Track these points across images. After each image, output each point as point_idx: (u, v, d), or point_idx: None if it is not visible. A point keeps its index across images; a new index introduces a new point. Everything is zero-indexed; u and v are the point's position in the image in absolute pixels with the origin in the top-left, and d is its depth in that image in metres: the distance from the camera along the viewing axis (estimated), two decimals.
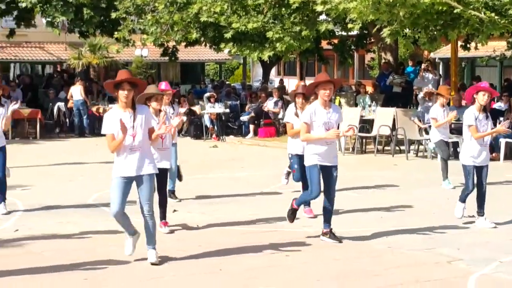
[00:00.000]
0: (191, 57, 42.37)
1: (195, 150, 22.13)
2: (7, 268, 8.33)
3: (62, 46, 39.38)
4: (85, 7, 27.05)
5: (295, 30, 21.78)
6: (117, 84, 8.45)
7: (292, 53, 24.55)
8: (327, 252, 9.37)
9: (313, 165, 9.69)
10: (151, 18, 24.44)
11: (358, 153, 20.76)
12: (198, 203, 12.80)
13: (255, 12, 22.23)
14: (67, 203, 12.57)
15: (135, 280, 8.02)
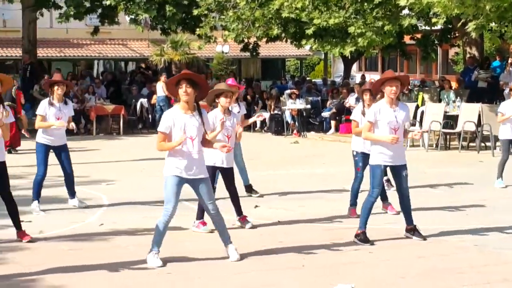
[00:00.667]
0: (271, 53, 42.40)
1: (276, 146, 22.18)
2: (92, 262, 8.48)
3: (144, 43, 39.85)
4: (167, 4, 27.31)
5: (378, 25, 21.60)
6: (177, 82, 8.31)
7: (374, 48, 24.35)
8: (411, 249, 9.26)
9: (377, 165, 9.54)
10: (232, 14, 24.54)
11: (442, 150, 20.47)
12: (279, 199, 12.81)
13: (337, 8, 22.13)
14: (150, 198, 12.70)
15: (218, 275, 8.05)
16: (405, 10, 21.98)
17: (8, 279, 7.78)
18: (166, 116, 8.38)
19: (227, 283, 7.76)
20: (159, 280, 7.86)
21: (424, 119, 21.33)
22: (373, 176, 9.56)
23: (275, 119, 26.08)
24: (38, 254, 8.92)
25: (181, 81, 8.22)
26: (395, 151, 9.52)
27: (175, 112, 8.37)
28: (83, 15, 29.89)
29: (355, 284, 7.62)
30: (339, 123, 25.30)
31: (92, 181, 14.54)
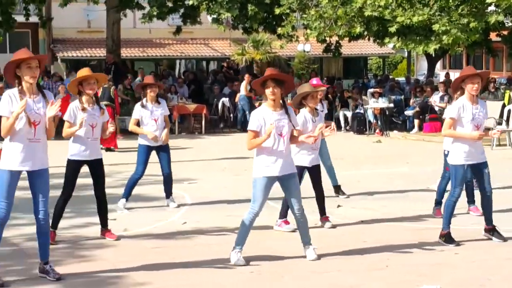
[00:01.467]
0: (353, 51, 42.19)
1: (359, 145, 22.08)
2: (176, 260, 8.58)
3: (226, 42, 40.15)
4: (249, 3, 27.42)
5: (463, 22, 21.31)
6: (263, 82, 8.40)
7: (459, 46, 23.97)
8: (498, 251, 9.10)
9: (460, 165, 9.37)
10: (314, 13, 24.49)
11: None
12: (362, 199, 12.75)
13: (421, 5, 21.91)
14: (232, 197, 12.80)
15: (300, 275, 8.06)
16: (492, 6, 21.61)
17: (95, 276, 7.93)
18: (256, 115, 8.49)
19: (310, 283, 7.75)
20: (241, 279, 7.90)
21: (511, 118, 20.93)
22: (455, 176, 9.42)
23: (358, 118, 25.97)
24: (123, 251, 9.07)
25: (268, 82, 8.33)
26: (476, 149, 9.39)
27: (264, 111, 8.46)
28: (165, 15, 30.22)
29: (441, 286, 7.54)
30: (423, 122, 25.05)
31: (175, 180, 14.59)
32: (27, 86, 7.60)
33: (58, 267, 8.15)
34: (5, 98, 7.63)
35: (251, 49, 37.46)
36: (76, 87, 9.51)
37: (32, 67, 7.54)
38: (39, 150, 7.69)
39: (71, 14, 35.67)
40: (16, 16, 28.51)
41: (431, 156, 18.38)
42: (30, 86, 7.61)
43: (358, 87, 30.30)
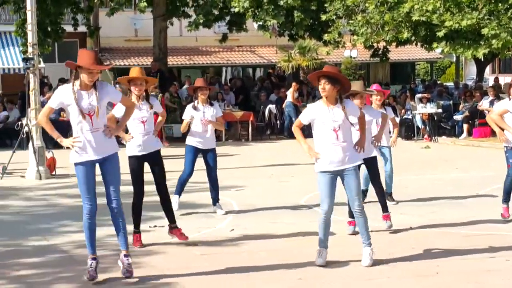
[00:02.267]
0: (401, 56, 41.94)
1: (407, 150, 21.95)
2: (224, 267, 8.61)
3: (272, 49, 40.17)
4: (295, 10, 27.43)
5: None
6: (317, 78, 8.52)
7: (509, 50, 23.75)
8: None
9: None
10: (361, 19, 24.44)
11: None
12: (410, 205, 12.68)
13: (469, 9, 21.75)
14: (279, 204, 12.83)
15: (348, 281, 8.05)
16: None
17: (144, 282, 8.01)
18: (309, 108, 8.67)
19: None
20: (289, 285, 7.91)
21: None
22: None
23: (406, 124, 25.85)
24: (172, 258, 9.13)
25: (320, 78, 8.44)
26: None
27: (318, 105, 8.59)
28: (212, 23, 30.37)
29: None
30: (472, 127, 24.87)
31: (222, 187, 14.67)
32: (83, 84, 7.82)
33: (108, 274, 8.27)
34: (59, 91, 7.99)
35: (297, 56, 37.44)
36: (125, 83, 9.78)
37: (93, 73, 7.78)
38: (100, 139, 7.87)
39: (118, 23, 36.03)
40: (65, 26, 28.86)
41: (481, 161, 18.29)
42: (86, 85, 7.82)
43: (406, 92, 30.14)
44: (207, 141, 11.98)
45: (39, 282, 8.06)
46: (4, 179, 16.69)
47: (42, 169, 16.80)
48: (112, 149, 8.03)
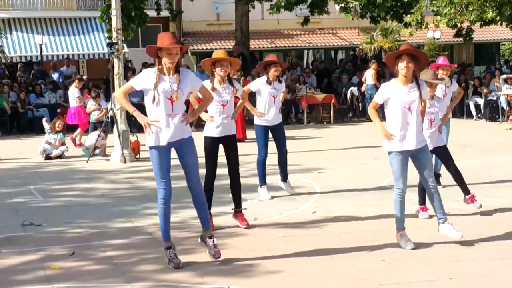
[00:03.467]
0: (485, 37, 41.20)
1: (491, 133, 21.63)
2: (306, 249, 8.62)
3: (354, 32, 39.95)
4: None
5: None
6: (397, 56, 8.45)
7: None
8: None
9: None
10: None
11: None
12: (494, 187, 12.46)
13: None
14: (361, 186, 12.79)
15: (433, 263, 7.96)
16: None
17: (229, 264, 8.07)
18: (384, 87, 8.63)
19: (441, 271, 7.67)
20: (372, 267, 7.86)
21: None
22: None
23: (490, 105, 25.42)
24: (255, 240, 9.19)
25: (403, 56, 8.38)
26: None
27: (393, 85, 8.53)
28: (293, 5, 30.31)
29: None
30: None
31: (304, 169, 14.78)
32: (166, 67, 7.87)
33: (192, 255, 8.36)
34: (143, 73, 8.08)
35: (380, 38, 37.11)
36: (210, 66, 9.77)
37: (172, 53, 7.81)
38: (177, 123, 7.90)
39: (200, 7, 36.25)
40: (148, 11, 29.16)
41: None
42: (168, 69, 7.86)
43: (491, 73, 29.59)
44: (275, 117, 11.89)
45: (125, 263, 8.19)
46: (90, 162, 17.02)
47: (126, 152, 17.05)
48: (188, 132, 8.06)
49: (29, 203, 12.23)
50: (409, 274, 7.59)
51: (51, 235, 9.74)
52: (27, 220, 10.52)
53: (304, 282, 7.38)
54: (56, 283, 7.47)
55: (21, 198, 12.69)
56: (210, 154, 9.77)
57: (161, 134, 7.88)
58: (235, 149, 9.95)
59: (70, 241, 9.32)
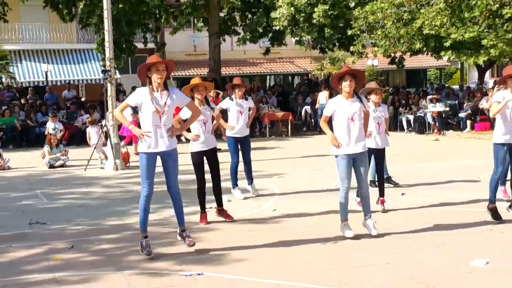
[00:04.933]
0: (414, 64, 41.64)
1: (420, 143, 21.77)
2: (268, 241, 8.61)
3: (307, 60, 40.15)
4: (326, 27, 27.32)
5: (508, 37, 20.84)
6: (340, 77, 8.50)
7: (505, 57, 23.40)
8: None
9: (500, 144, 9.25)
10: (381, 33, 24.28)
11: None
12: (423, 188, 12.52)
13: (471, 23, 21.47)
14: (314, 188, 12.79)
15: (376, 250, 7.97)
16: None
17: (203, 254, 8.04)
18: (331, 103, 8.64)
19: (382, 258, 7.67)
20: (321, 254, 7.88)
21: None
22: (496, 156, 9.30)
23: (418, 120, 25.61)
24: (225, 234, 9.15)
25: (346, 76, 8.46)
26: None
27: (338, 100, 8.59)
28: (257, 39, 30.40)
29: (489, 260, 7.38)
30: (474, 123, 24.57)
31: (266, 175, 14.77)
32: (155, 84, 7.79)
33: (172, 247, 8.31)
34: (136, 91, 7.97)
35: (328, 65, 37.36)
36: (189, 92, 9.72)
37: (159, 70, 7.73)
38: (165, 135, 7.83)
39: (180, 40, 36.29)
40: (136, 43, 29.09)
41: (482, 151, 18.00)
42: (158, 85, 7.77)
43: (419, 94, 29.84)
44: (242, 130, 11.80)
45: (116, 254, 8.12)
46: (87, 170, 16.88)
47: (118, 162, 16.94)
48: (173, 144, 7.99)
49: (35, 205, 12.10)
50: (352, 260, 7.59)
51: (54, 231, 9.63)
52: (34, 219, 10.41)
53: (265, 268, 7.36)
54: (57, 272, 7.38)
55: (28, 201, 12.54)
56: (199, 167, 9.73)
57: (151, 143, 7.80)
58: (216, 159, 9.90)
59: (70, 237, 9.23)
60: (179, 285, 6.83)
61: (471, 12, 21.23)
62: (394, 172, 12.60)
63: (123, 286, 6.86)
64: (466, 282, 6.71)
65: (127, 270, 7.39)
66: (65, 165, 17.96)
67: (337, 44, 29.67)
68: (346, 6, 26.53)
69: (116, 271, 7.38)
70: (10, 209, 11.71)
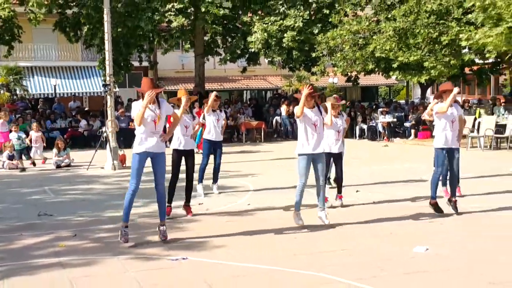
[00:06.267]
0: (368, 82, 41.83)
1: (371, 149, 21.85)
2: (243, 230, 8.59)
3: (278, 78, 40.19)
4: (294, 50, 27.40)
5: (445, 60, 21.06)
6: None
7: (443, 77, 23.64)
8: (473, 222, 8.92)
9: (439, 148, 9.37)
10: (340, 55, 24.44)
11: (494, 149, 19.65)
12: (374, 186, 12.56)
13: (415, 48, 21.68)
14: (283, 185, 12.75)
15: (331, 238, 7.98)
16: (466, 49, 21.26)
17: (186, 241, 8.01)
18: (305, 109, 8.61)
19: (340, 244, 7.67)
20: (291, 242, 7.87)
21: (481, 127, 20.53)
22: (437, 158, 9.43)
23: (371, 129, 25.73)
24: (206, 224, 9.11)
25: (307, 97, 8.52)
26: (452, 137, 9.34)
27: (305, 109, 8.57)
28: (235, 59, 30.33)
29: (429, 246, 7.42)
30: (418, 131, 24.73)
31: (242, 174, 14.73)
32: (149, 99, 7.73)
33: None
34: (134, 105, 7.91)
35: (296, 82, 37.41)
36: (176, 101, 9.64)
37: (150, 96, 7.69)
38: (157, 139, 7.79)
39: (171, 59, 36.16)
40: (133, 62, 28.93)
41: (424, 156, 18.11)
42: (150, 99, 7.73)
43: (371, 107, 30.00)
44: (218, 136, 11.71)
45: (113, 242, 8.03)
46: (90, 170, 16.72)
47: (116, 162, 16.78)
48: (163, 148, 7.94)
49: (44, 199, 11.95)
50: (315, 247, 7.60)
51: (60, 222, 9.52)
52: (42, 211, 10.29)
53: (241, 253, 7.33)
54: (62, 257, 7.30)
55: (38, 196, 12.39)
56: (176, 164, 9.65)
57: (145, 145, 7.75)
58: (193, 160, 9.84)
59: (73, 226, 9.13)
60: (166, 268, 6.79)
61: (415, 39, 21.42)
62: (350, 172, 12.63)
63: (118, 269, 6.79)
64: (409, 264, 6.74)
65: (122, 255, 7.33)
66: (70, 165, 17.76)
67: (303, 65, 29.74)
68: (311, 32, 26.69)
69: (113, 256, 7.31)
70: (22, 202, 11.56)
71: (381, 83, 44.74)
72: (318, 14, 27.47)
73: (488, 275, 6.27)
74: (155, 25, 27.16)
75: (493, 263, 6.75)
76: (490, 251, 7.26)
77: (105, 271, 6.72)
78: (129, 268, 6.80)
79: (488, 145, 20.05)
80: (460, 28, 19.85)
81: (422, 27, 21.04)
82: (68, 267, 6.86)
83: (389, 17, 22.90)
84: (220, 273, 6.54)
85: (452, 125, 9.34)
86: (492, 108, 23.47)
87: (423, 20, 21.07)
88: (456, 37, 19.65)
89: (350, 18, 25.36)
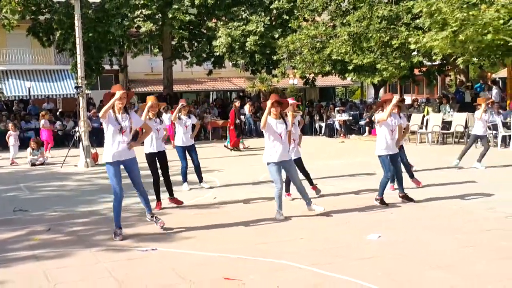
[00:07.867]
0: (326, 83, 42.09)
1: (329, 145, 22.02)
2: (210, 222, 8.60)
3: (242, 80, 40.14)
4: (256, 53, 27.44)
5: (396, 62, 21.29)
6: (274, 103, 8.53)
7: (394, 78, 23.95)
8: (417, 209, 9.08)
9: (384, 155, 9.52)
10: (299, 58, 24.50)
11: (441, 144, 20.01)
12: (330, 179, 12.67)
13: (368, 51, 21.88)
14: (247, 181, 12.79)
15: (297, 227, 8.04)
16: (415, 51, 21.57)
17: (157, 233, 7.99)
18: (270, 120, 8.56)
19: (295, 235, 7.73)
20: (255, 233, 7.90)
21: (429, 124, 20.88)
22: (383, 164, 9.53)
23: (328, 127, 25.92)
24: (175, 217, 9.10)
25: (273, 103, 8.50)
26: (392, 144, 9.52)
27: (269, 119, 8.56)
28: (201, 62, 30.23)
29: (381, 234, 7.53)
30: (371, 129, 24.99)
31: (209, 170, 14.71)
32: (116, 108, 7.67)
33: (133, 229, 8.20)
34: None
35: (259, 83, 37.46)
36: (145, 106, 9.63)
37: (121, 97, 7.60)
38: (125, 148, 7.69)
39: (140, 63, 35.80)
40: (104, 65, 28.61)
41: None
42: (119, 109, 7.67)
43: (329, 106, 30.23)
44: (189, 140, 11.66)
45: (86, 235, 7.98)
46: (63, 168, 16.50)
47: (88, 160, 16.61)
48: (132, 154, 7.84)
49: (19, 196, 11.76)
50: (275, 236, 7.64)
51: (34, 217, 9.39)
52: (17, 207, 10.14)
53: (207, 243, 7.33)
54: (36, 250, 7.21)
55: (14, 192, 12.20)
56: (152, 165, 9.71)
57: (114, 153, 7.63)
58: (166, 160, 9.82)
59: (48, 221, 9.02)
60: (137, 259, 6.75)
61: (368, 42, 21.63)
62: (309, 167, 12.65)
63: (91, 260, 6.73)
64: (363, 250, 6.83)
65: (94, 247, 7.27)
66: (44, 163, 17.50)
67: (265, 67, 29.79)
68: (272, 37, 26.78)
69: (85, 248, 7.25)
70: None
71: (338, 84, 45.09)
72: (279, 19, 27.58)
73: (431, 260, 6.40)
74: (125, 31, 26.92)
75: (436, 249, 6.89)
76: (433, 238, 7.41)
77: (78, 262, 6.65)
78: (101, 259, 6.75)
79: (435, 140, 20.40)
80: (409, 33, 20.12)
81: (375, 32, 21.26)
82: (42, 260, 6.77)
83: (344, 23, 23.07)
84: (187, 262, 6.54)
85: (391, 134, 9.50)
86: (439, 106, 23.87)
87: (375, 25, 21.30)
88: (406, 41, 19.89)
89: (308, 23, 25.48)
